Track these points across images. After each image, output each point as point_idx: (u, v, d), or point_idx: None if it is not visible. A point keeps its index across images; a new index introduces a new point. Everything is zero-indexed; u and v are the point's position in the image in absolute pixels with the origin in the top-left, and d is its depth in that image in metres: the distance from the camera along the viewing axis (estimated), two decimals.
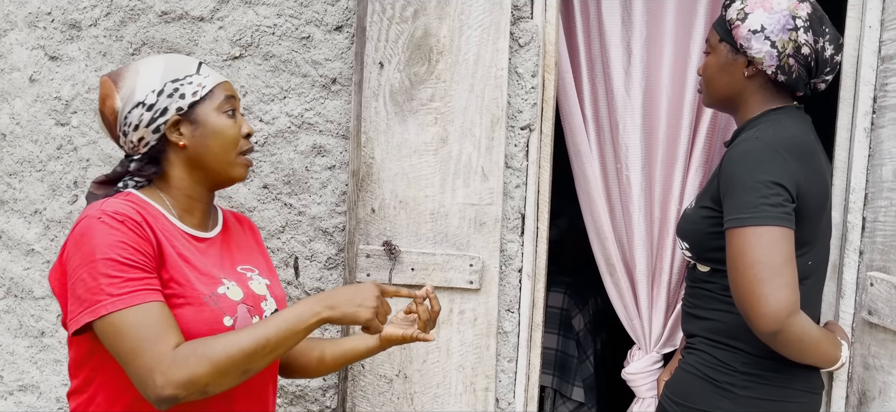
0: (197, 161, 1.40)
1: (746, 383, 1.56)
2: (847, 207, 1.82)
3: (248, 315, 1.39)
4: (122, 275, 1.24)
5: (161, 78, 1.38)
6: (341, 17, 1.98)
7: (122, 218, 1.27)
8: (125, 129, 1.38)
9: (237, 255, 1.49)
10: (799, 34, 1.55)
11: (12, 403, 2.20)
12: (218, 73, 1.44)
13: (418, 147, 1.88)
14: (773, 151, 1.49)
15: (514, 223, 1.93)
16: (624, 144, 1.99)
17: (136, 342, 1.22)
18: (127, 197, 1.36)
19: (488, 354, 1.90)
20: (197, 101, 1.38)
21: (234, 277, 1.43)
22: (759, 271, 1.41)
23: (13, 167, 2.15)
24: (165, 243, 1.33)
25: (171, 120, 1.37)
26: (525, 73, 1.91)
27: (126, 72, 1.39)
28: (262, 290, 1.45)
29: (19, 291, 2.16)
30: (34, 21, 2.11)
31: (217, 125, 1.39)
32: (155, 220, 1.35)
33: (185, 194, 1.42)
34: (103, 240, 1.24)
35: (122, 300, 1.23)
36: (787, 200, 1.46)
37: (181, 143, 1.38)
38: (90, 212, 1.29)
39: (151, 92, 1.37)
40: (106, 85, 1.39)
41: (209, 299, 1.34)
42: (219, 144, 1.39)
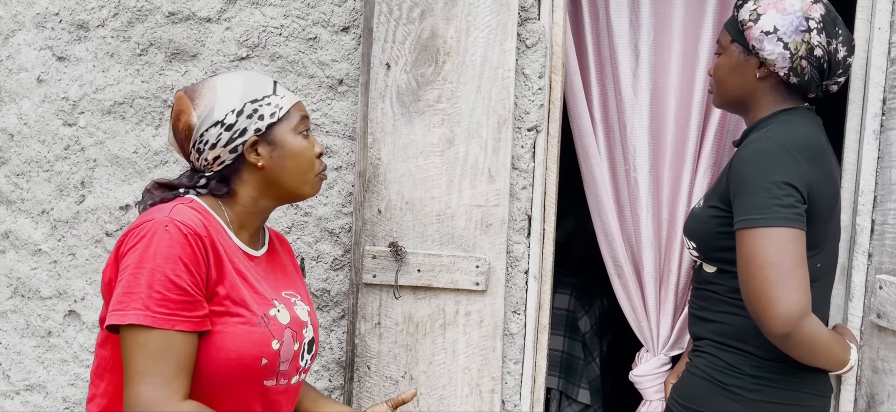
0: (272, 181, 1.40)
1: (755, 386, 1.55)
2: (856, 210, 1.82)
3: (291, 340, 1.39)
4: (166, 293, 1.22)
5: (241, 98, 1.36)
6: (348, 18, 1.98)
7: (187, 231, 1.26)
8: (200, 146, 1.37)
9: (281, 278, 1.49)
10: (812, 36, 1.54)
11: (19, 403, 2.20)
12: (292, 94, 1.44)
13: (425, 148, 1.88)
14: (785, 152, 1.47)
15: (521, 224, 1.93)
16: (632, 146, 1.99)
17: (148, 366, 1.21)
18: (191, 204, 1.34)
19: (494, 356, 1.90)
20: (275, 122, 1.38)
21: (281, 300, 1.42)
22: (771, 273, 1.39)
23: (21, 167, 2.15)
24: (225, 260, 1.32)
25: (250, 141, 1.36)
26: (532, 75, 1.90)
27: (203, 88, 1.38)
28: (304, 317, 1.46)
29: (26, 291, 2.17)
30: (42, 22, 2.12)
31: (295, 147, 1.40)
32: (217, 234, 1.33)
33: (247, 211, 1.41)
34: (161, 251, 1.23)
35: (155, 318, 1.21)
36: (799, 201, 1.44)
37: (260, 165, 1.38)
38: (157, 216, 1.27)
39: (231, 111, 1.35)
40: (182, 101, 1.38)
41: (261, 320, 1.34)
42: (296, 166, 1.40)
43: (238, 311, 1.31)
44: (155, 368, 1.21)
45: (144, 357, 1.21)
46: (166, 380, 1.21)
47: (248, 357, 1.31)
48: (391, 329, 1.92)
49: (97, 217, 2.11)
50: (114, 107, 2.09)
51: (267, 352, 1.33)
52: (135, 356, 1.22)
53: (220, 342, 1.29)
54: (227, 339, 1.29)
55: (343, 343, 2.04)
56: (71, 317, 2.15)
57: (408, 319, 1.91)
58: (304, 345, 1.44)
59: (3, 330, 2.21)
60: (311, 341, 1.46)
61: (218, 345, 1.29)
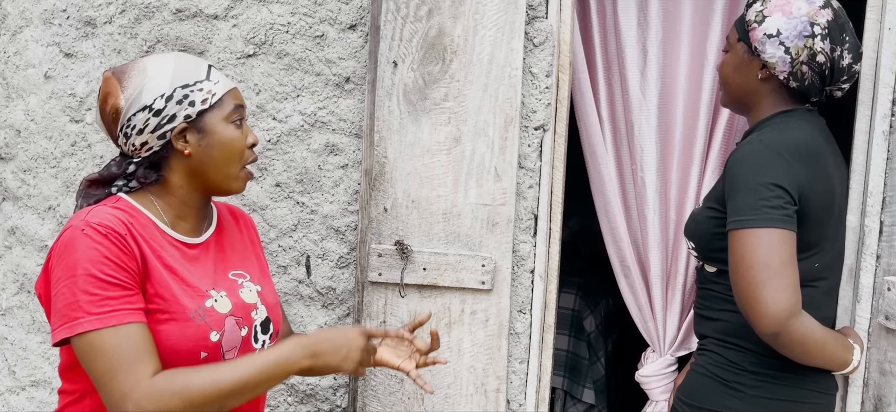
0: (199, 170, 1.35)
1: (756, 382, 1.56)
2: (864, 211, 1.81)
3: (235, 327, 1.35)
4: (101, 292, 1.20)
5: (170, 82, 1.31)
6: (355, 16, 1.98)
7: (105, 230, 1.22)
8: (127, 131, 1.32)
9: (231, 258, 1.44)
10: (815, 42, 1.53)
11: (25, 398, 2.21)
12: (227, 79, 1.39)
13: (431, 146, 1.87)
14: (776, 154, 1.48)
15: (527, 224, 1.92)
16: (639, 145, 1.98)
17: (111, 365, 1.19)
18: (116, 203, 1.31)
19: (500, 355, 1.89)
20: (206, 109, 1.33)
21: (225, 285, 1.38)
22: (758, 273, 1.41)
23: (27, 163, 2.16)
24: (151, 256, 1.28)
25: (178, 127, 1.31)
26: (539, 73, 1.90)
27: (132, 70, 1.32)
28: (252, 298, 1.40)
29: (32, 287, 2.17)
30: (49, 18, 2.12)
31: (225, 136, 1.34)
32: (143, 229, 1.30)
33: (180, 201, 1.36)
34: (84, 255, 1.20)
35: (100, 319, 1.19)
36: (789, 202, 1.45)
37: (186, 152, 1.33)
38: (75, 222, 1.25)
39: (160, 96, 1.30)
40: (109, 82, 1.33)
41: (195, 314, 1.30)
42: (224, 155, 1.34)
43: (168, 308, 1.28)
44: (117, 363, 1.19)
45: (104, 359, 1.19)
46: (131, 367, 1.19)
47: (185, 352, 1.28)
48: (397, 327, 1.91)
49: None
50: None
51: (205, 346, 1.30)
52: (95, 361, 1.20)
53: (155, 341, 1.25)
54: (160, 337, 1.26)
55: None
56: None
57: (413, 318, 1.91)
58: (256, 327, 1.39)
59: (10, 326, 2.21)
60: (265, 321, 1.41)
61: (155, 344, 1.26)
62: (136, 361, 1.20)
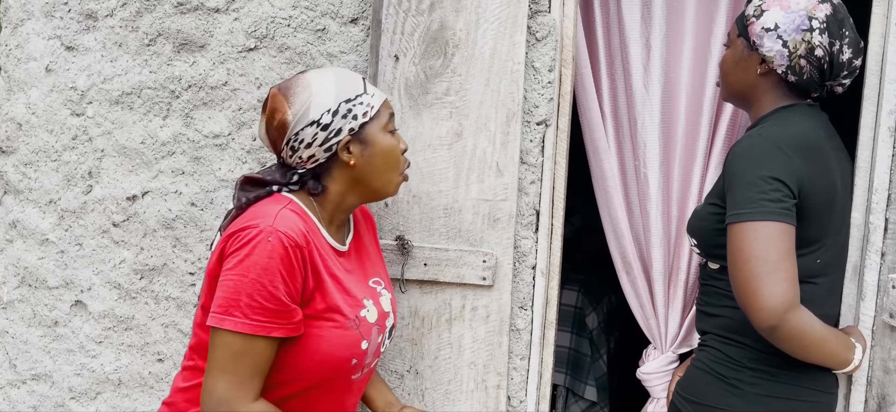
0: (361, 178, 1.43)
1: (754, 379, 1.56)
2: (869, 208, 1.79)
3: (377, 335, 1.47)
4: (262, 303, 1.29)
5: (335, 97, 1.39)
6: (357, 10, 1.97)
7: (289, 243, 1.30)
8: (295, 144, 1.40)
9: (368, 266, 1.55)
10: (813, 35, 1.53)
11: (25, 392, 2.21)
12: (380, 91, 1.48)
13: (432, 141, 1.86)
14: (775, 147, 1.48)
15: (529, 219, 1.91)
16: (642, 141, 1.97)
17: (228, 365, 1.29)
18: (291, 206, 1.38)
19: (500, 352, 1.89)
20: (367, 121, 1.42)
21: (369, 294, 1.48)
22: (755, 266, 1.40)
23: (28, 157, 2.15)
24: (321, 267, 1.37)
25: (344, 140, 1.40)
26: (542, 68, 1.89)
27: (297, 86, 1.41)
28: (387, 307, 1.52)
29: (33, 281, 2.17)
30: (51, 11, 2.12)
31: (385, 145, 1.44)
32: (314, 237, 1.38)
33: (336, 206, 1.45)
34: (262, 263, 1.28)
35: (249, 325, 1.29)
36: (787, 196, 1.45)
37: (351, 163, 1.41)
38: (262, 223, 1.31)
39: (327, 111, 1.38)
40: (276, 98, 1.41)
41: (353, 324, 1.40)
42: (385, 163, 1.44)
43: (332, 317, 1.38)
44: (234, 368, 1.29)
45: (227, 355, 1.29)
46: (242, 381, 1.29)
47: (340, 359, 1.39)
48: (397, 323, 1.91)
49: (104, 207, 2.11)
50: (122, 97, 2.08)
51: (357, 353, 1.41)
52: (219, 351, 1.29)
53: (314, 345, 1.36)
54: (321, 343, 1.36)
55: None
56: (77, 307, 2.16)
57: (414, 313, 1.90)
58: (386, 333, 1.53)
59: (10, 319, 2.21)
60: (392, 327, 1.54)
61: (313, 348, 1.36)
62: (250, 377, 1.30)
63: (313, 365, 1.37)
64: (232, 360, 1.29)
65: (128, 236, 2.10)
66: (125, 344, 2.13)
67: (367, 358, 1.45)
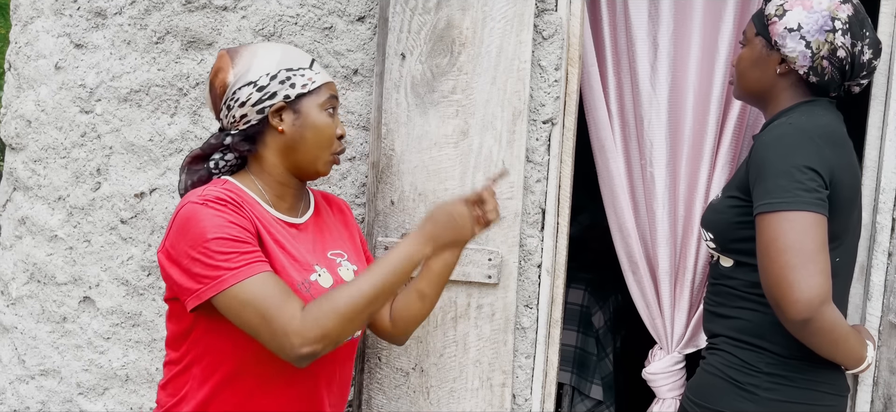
0: (291, 149, 1.45)
1: (771, 385, 1.53)
2: (876, 208, 1.78)
3: None
4: (236, 250, 1.31)
5: (277, 64, 1.44)
6: (364, 8, 1.97)
7: (224, 201, 1.35)
8: (230, 103, 1.44)
9: (328, 240, 1.55)
10: (836, 36, 1.51)
11: (34, 387, 2.22)
12: (326, 74, 1.50)
13: (439, 139, 1.87)
14: (807, 137, 1.45)
15: (535, 218, 1.91)
16: (649, 140, 1.97)
17: (264, 309, 1.29)
18: (224, 184, 1.43)
19: (506, 350, 1.89)
20: (304, 93, 1.45)
21: (325, 263, 1.48)
22: (792, 257, 1.36)
23: (38, 154, 2.17)
24: (262, 230, 1.39)
25: (277, 105, 1.43)
26: (548, 66, 1.89)
27: (244, 51, 1.46)
28: (349, 276, 1.51)
29: (42, 277, 2.18)
30: (60, 9, 2.13)
31: (317, 120, 1.45)
32: (251, 207, 1.41)
33: (276, 180, 1.48)
34: (211, 222, 1.31)
35: (242, 272, 1.30)
36: (821, 186, 1.42)
37: (280, 129, 1.44)
38: (191, 198, 1.36)
39: (265, 75, 1.43)
40: (223, 58, 1.46)
41: (301, 286, 1.40)
42: (315, 139, 1.45)
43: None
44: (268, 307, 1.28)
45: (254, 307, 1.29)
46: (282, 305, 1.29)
47: None
48: None
49: (112, 204, 2.12)
50: (130, 94, 2.09)
51: None
52: (246, 311, 1.29)
53: None
54: None
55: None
56: (86, 303, 2.17)
57: None
58: None
59: (19, 315, 2.23)
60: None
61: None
62: (285, 300, 1.30)
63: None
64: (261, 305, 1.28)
65: (136, 233, 2.12)
66: (133, 340, 2.14)
67: None
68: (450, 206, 1.42)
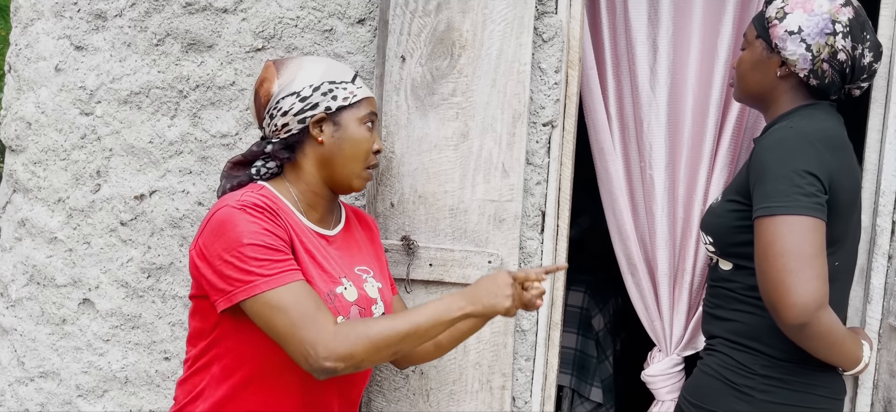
0: (328, 160, 1.48)
1: (766, 387, 1.53)
2: (876, 211, 1.78)
3: (358, 316, 1.47)
4: (270, 257, 1.34)
5: (321, 76, 1.47)
6: (364, 11, 1.97)
7: (261, 208, 1.37)
8: (273, 111, 1.47)
9: (356, 255, 1.57)
10: (837, 39, 1.51)
11: (33, 389, 2.22)
12: (368, 89, 1.54)
13: (439, 142, 1.87)
14: (807, 141, 1.45)
15: (535, 220, 1.91)
16: (648, 143, 1.97)
17: (296, 317, 1.31)
18: (260, 190, 1.45)
19: (505, 352, 1.89)
20: (345, 106, 1.48)
21: (352, 277, 1.51)
22: (789, 261, 1.37)
23: (37, 155, 2.17)
24: (295, 237, 1.42)
25: (318, 115, 1.46)
26: (548, 69, 1.89)
27: (290, 62, 1.49)
28: (374, 293, 1.54)
29: (42, 279, 2.18)
30: (61, 11, 2.13)
31: (356, 134, 1.49)
32: (286, 215, 1.43)
33: (311, 190, 1.50)
34: (247, 228, 1.34)
35: (275, 279, 1.33)
36: (820, 191, 1.42)
37: (320, 139, 1.47)
38: (228, 202, 1.39)
39: (308, 86, 1.46)
40: (269, 69, 1.50)
41: (327, 297, 1.42)
42: (352, 151, 1.48)
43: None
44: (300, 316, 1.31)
45: (285, 314, 1.31)
46: (313, 318, 1.31)
47: None
48: None
49: (112, 206, 2.12)
50: (130, 96, 2.09)
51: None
52: (277, 318, 1.31)
53: None
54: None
55: None
56: (85, 305, 2.17)
57: None
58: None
59: (19, 317, 2.22)
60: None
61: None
62: (317, 312, 1.32)
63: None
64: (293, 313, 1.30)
65: (135, 235, 2.12)
66: (132, 342, 2.14)
67: None
68: (497, 274, 1.45)
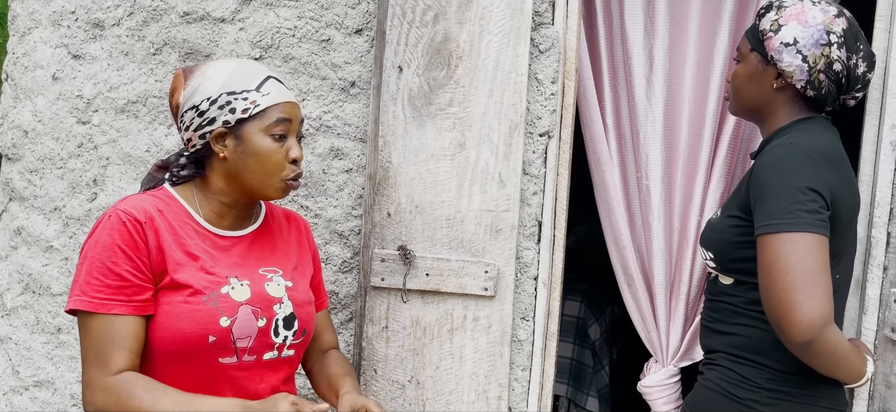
0: (235, 174, 1.42)
1: (770, 400, 1.52)
2: (871, 222, 1.79)
3: (252, 317, 1.41)
4: (102, 280, 1.32)
5: (219, 87, 1.40)
6: (361, 21, 1.98)
7: (127, 218, 1.35)
8: (180, 125, 1.44)
9: (267, 255, 1.51)
10: (832, 50, 1.52)
11: (28, 398, 2.21)
12: (282, 93, 1.43)
13: (435, 152, 1.87)
14: (808, 157, 1.45)
15: (531, 230, 1.92)
16: (644, 153, 1.97)
17: (87, 350, 1.33)
18: (157, 192, 1.44)
19: (502, 362, 1.89)
20: (245, 118, 1.39)
21: (249, 276, 1.44)
22: (794, 279, 1.36)
23: (34, 164, 2.17)
24: (170, 244, 1.38)
25: (216, 131, 1.40)
26: (545, 80, 1.89)
27: (196, 71, 1.44)
28: (278, 293, 1.46)
29: (37, 287, 2.18)
30: (58, 20, 2.13)
31: (259, 147, 1.40)
32: (173, 217, 1.40)
33: (219, 200, 1.46)
34: (102, 239, 1.33)
35: (91, 303, 1.32)
36: (823, 207, 1.42)
37: (222, 155, 1.41)
38: (116, 204, 1.38)
39: (206, 99, 1.40)
40: (177, 79, 1.45)
41: (208, 299, 1.37)
42: (258, 165, 1.40)
43: (182, 292, 1.36)
44: (95, 350, 1.32)
45: (87, 341, 1.33)
46: (104, 359, 1.31)
47: (192, 335, 1.35)
48: (399, 333, 1.91)
49: None
50: (127, 105, 2.10)
51: (213, 330, 1.36)
52: (82, 341, 1.34)
53: (163, 320, 1.36)
54: (170, 318, 1.35)
55: (350, 346, 2.04)
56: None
57: (415, 323, 1.90)
58: (278, 321, 1.44)
59: (14, 325, 2.22)
60: (289, 317, 1.45)
61: (162, 324, 1.36)
62: (106, 355, 1.31)
63: (165, 341, 1.35)
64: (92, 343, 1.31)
65: None
66: None
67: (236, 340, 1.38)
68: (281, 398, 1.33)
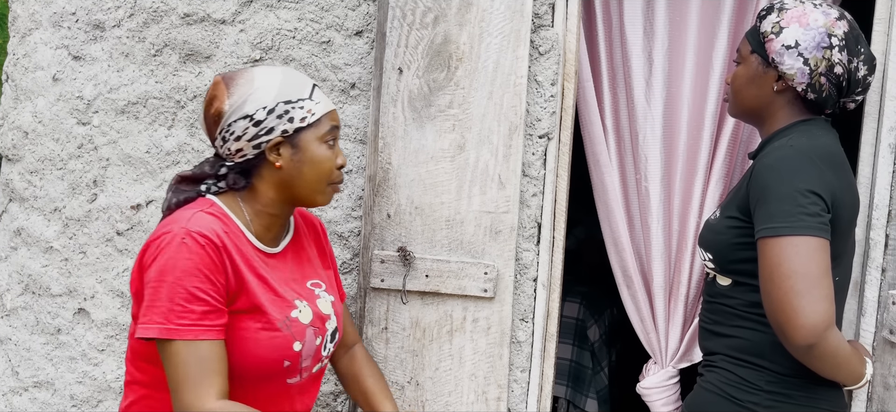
0: (288, 183, 1.40)
1: (771, 402, 1.52)
2: (870, 224, 1.80)
3: (313, 337, 1.43)
4: (186, 305, 1.27)
5: (275, 96, 1.36)
6: (362, 23, 1.98)
7: (205, 242, 1.29)
8: (225, 135, 1.38)
9: (307, 268, 1.51)
10: (833, 53, 1.52)
11: (27, 399, 2.21)
12: (328, 101, 1.44)
13: (435, 153, 1.88)
14: (809, 160, 1.45)
15: (530, 232, 1.92)
16: (643, 155, 1.98)
17: (181, 376, 1.27)
18: (211, 209, 1.37)
19: (501, 363, 1.89)
20: (303, 127, 1.38)
21: (305, 295, 1.45)
22: (796, 283, 1.36)
23: (34, 165, 2.17)
24: (243, 268, 1.35)
25: (274, 140, 1.37)
26: (544, 82, 1.90)
27: (241, 78, 1.38)
28: (327, 309, 1.48)
29: (37, 288, 2.18)
30: (59, 21, 2.14)
31: (317, 155, 1.39)
32: (235, 238, 1.36)
33: (267, 211, 1.42)
34: (179, 264, 1.27)
35: (179, 332, 1.27)
36: (824, 210, 1.42)
37: (278, 165, 1.38)
38: (175, 227, 1.31)
39: (262, 108, 1.36)
40: (218, 86, 1.39)
41: (283, 325, 1.37)
42: (314, 173, 1.40)
43: (259, 317, 1.35)
44: (186, 377, 1.27)
45: (176, 369, 1.28)
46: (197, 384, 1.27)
47: (271, 360, 1.35)
48: (398, 334, 1.91)
49: (108, 216, 2.12)
50: (127, 106, 2.10)
51: (288, 355, 1.38)
52: (170, 368, 1.29)
53: (242, 346, 1.33)
54: (249, 344, 1.33)
55: None
56: (80, 315, 2.16)
57: (415, 325, 1.91)
58: (327, 337, 1.47)
59: (14, 326, 2.22)
60: (334, 331, 1.49)
61: (241, 350, 1.34)
62: (202, 379, 1.27)
63: (244, 367, 1.34)
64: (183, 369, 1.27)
65: (131, 245, 2.11)
66: None
67: (302, 361, 1.41)
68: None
